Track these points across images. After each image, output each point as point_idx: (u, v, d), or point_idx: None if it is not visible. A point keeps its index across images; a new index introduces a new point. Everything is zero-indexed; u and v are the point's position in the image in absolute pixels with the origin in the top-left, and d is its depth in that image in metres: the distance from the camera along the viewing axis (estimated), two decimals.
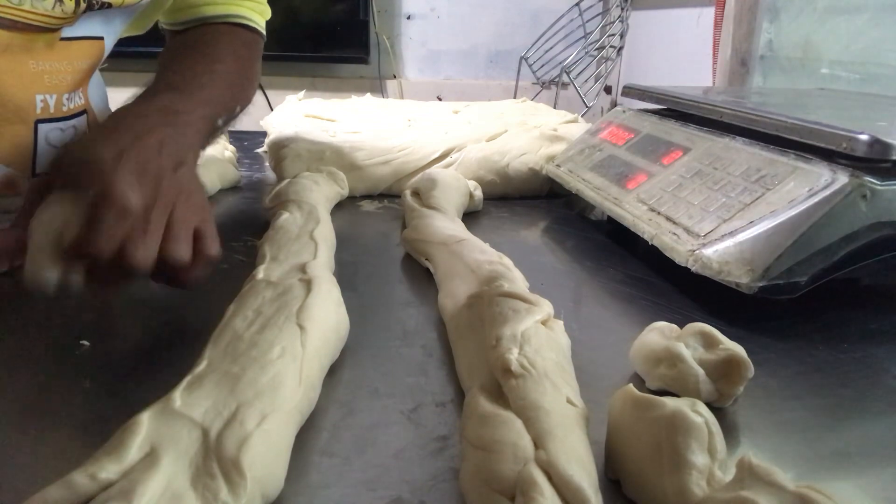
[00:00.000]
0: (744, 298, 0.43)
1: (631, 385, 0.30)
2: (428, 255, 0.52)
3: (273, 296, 0.38)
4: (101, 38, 0.55)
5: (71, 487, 0.23)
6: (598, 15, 1.51)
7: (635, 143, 0.65)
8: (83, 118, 0.56)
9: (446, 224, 0.56)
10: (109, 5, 0.51)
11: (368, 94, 1.06)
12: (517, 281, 0.43)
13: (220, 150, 0.83)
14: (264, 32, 0.64)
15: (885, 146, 0.42)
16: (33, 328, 0.42)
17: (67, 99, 0.53)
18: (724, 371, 0.35)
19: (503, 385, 0.31)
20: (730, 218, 0.46)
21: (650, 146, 0.62)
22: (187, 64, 0.53)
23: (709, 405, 0.29)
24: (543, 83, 1.54)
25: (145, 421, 0.27)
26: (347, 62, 1.69)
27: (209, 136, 0.50)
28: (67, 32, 0.51)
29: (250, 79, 0.60)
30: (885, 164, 0.43)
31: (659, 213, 0.52)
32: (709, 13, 1.16)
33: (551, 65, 1.51)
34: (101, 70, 0.63)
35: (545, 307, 0.37)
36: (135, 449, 0.25)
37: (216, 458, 0.26)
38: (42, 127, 0.51)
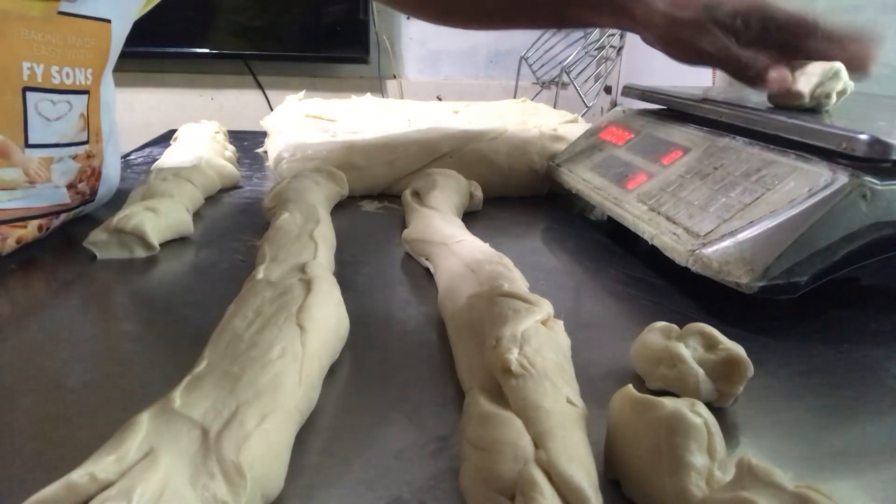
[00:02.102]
0: (744, 298, 0.43)
1: (630, 385, 0.30)
2: (428, 255, 0.52)
3: (273, 296, 0.38)
4: (108, 21, 0.53)
5: (70, 487, 0.23)
6: None
7: (635, 143, 0.65)
8: (83, 97, 0.55)
9: (446, 224, 0.56)
10: None
11: (368, 94, 1.06)
12: (517, 281, 0.43)
13: (220, 150, 0.83)
14: None
15: (885, 146, 0.42)
16: (34, 325, 0.42)
17: (57, 71, 0.52)
18: (724, 371, 0.34)
19: (503, 385, 0.31)
20: (730, 218, 0.46)
21: (650, 146, 0.62)
22: None
23: (709, 405, 0.29)
24: (543, 83, 1.54)
25: (145, 421, 0.27)
26: (347, 62, 1.69)
27: None
28: (67, 7, 0.50)
29: None
30: (885, 164, 0.43)
31: (659, 213, 0.52)
32: None
33: (551, 65, 1.51)
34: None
35: (545, 307, 0.37)
36: (134, 449, 0.25)
37: (216, 458, 0.26)
38: (31, 95, 0.50)
